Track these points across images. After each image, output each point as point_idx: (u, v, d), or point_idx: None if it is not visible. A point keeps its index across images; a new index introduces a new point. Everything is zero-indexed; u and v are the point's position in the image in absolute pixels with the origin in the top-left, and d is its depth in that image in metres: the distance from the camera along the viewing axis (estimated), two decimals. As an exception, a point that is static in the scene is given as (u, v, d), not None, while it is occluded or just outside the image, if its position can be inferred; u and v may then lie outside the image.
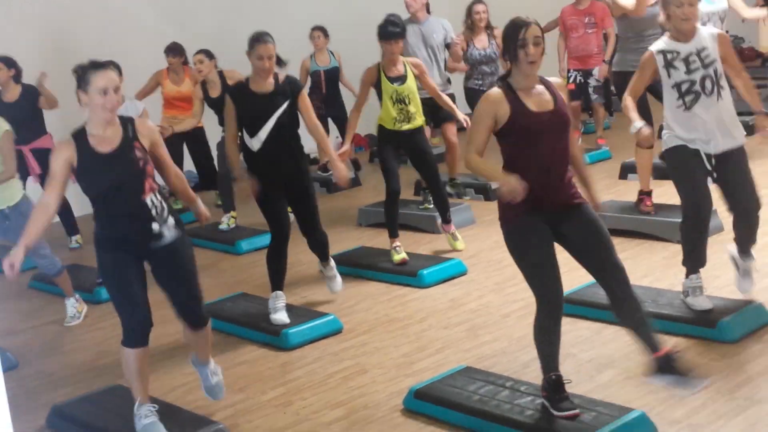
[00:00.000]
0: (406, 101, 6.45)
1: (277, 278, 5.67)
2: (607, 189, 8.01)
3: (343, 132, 9.44)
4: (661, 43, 4.92)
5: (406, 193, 8.21)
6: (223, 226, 8.18)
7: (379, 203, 7.77)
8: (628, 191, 7.86)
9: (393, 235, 6.62)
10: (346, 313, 5.74)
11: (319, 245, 5.93)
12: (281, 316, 5.54)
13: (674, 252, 6.16)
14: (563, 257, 3.89)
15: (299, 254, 7.25)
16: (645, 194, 6.87)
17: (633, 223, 6.65)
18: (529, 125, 3.81)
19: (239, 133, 5.55)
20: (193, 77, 8.74)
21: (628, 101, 4.92)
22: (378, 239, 7.31)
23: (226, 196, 8.25)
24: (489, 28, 8.45)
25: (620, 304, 3.88)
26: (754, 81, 5.24)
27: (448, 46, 7.95)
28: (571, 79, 9.31)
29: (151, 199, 4.09)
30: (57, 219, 8.51)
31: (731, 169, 4.82)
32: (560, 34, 9.48)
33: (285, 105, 5.41)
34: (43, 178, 7.43)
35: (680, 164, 4.90)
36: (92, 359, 5.58)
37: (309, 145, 5.92)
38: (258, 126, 5.42)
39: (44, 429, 4.62)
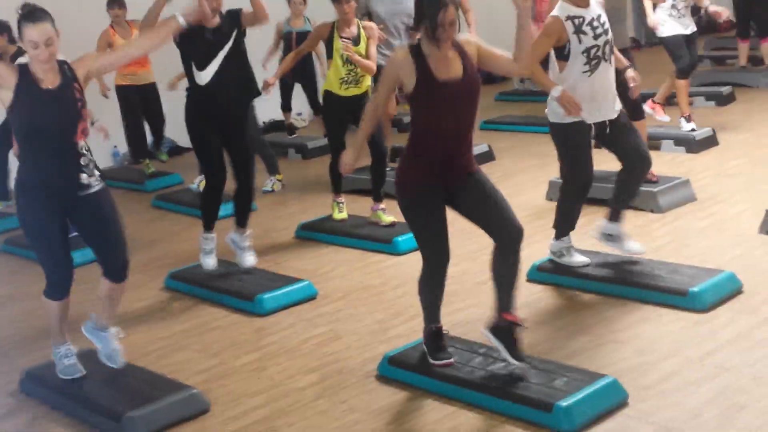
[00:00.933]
0: (355, 62, 6.39)
1: (210, 219, 5.80)
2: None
3: (313, 102, 9.44)
4: (563, 10, 4.95)
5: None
6: (192, 186, 8.18)
7: (355, 170, 7.74)
8: (600, 161, 7.88)
9: (336, 191, 6.81)
10: (321, 280, 5.74)
11: (244, 199, 5.81)
12: (209, 261, 5.76)
13: (648, 221, 6.22)
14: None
15: (275, 220, 7.25)
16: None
17: (607, 192, 6.67)
18: (434, 95, 3.86)
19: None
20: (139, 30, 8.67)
21: (537, 69, 4.88)
22: (354, 205, 7.29)
23: (269, 159, 8.18)
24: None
25: (504, 256, 4.04)
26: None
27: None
28: None
29: (81, 145, 4.14)
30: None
31: (623, 131, 5.08)
32: None
33: (231, 40, 5.45)
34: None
35: (577, 139, 5.04)
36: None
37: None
38: (208, 59, 5.45)
39: (17, 393, 4.60)
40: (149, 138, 9.24)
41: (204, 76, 5.48)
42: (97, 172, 4.25)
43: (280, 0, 9.68)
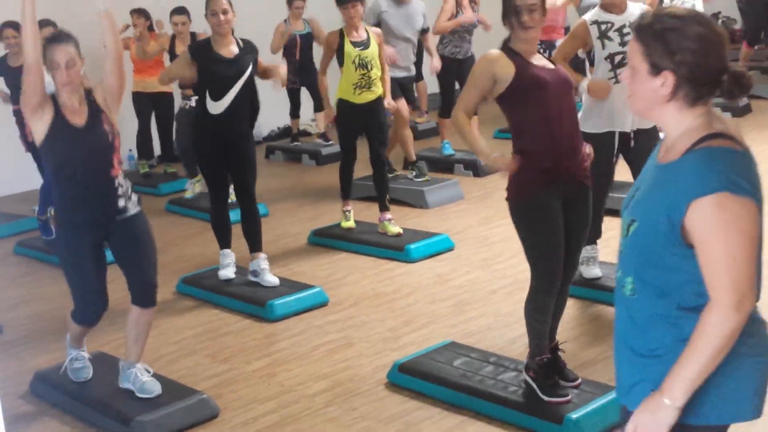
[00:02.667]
0: (369, 66, 6.40)
1: (224, 238, 5.88)
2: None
3: (317, 101, 9.46)
4: (593, 14, 4.97)
5: (396, 166, 8.19)
6: (188, 195, 8.23)
7: (366, 177, 7.74)
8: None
9: (345, 198, 6.80)
10: (332, 287, 5.74)
11: (251, 224, 5.74)
12: (227, 272, 5.83)
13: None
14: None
15: (286, 226, 7.26)
16: None
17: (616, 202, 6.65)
18: (536, 78, 3.69)
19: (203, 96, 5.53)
20: (158, 41, 8.76)
21: (565, 65, 4.80)
22: (366, 213, 7.30)
23: (188, 164, 8.29)
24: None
25: (564, 286, 3.92)
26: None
27: (424, 30, 7.97)
28: None
29: (118, 177, 4.08)
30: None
31: (644, 146, 4.84)
32: None
33: (248, 72, 5.48)
34: (31, 149, 7.40)
35: (603, 151, 4.82)
36: (77, 326, 5.56)
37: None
38: (224, 91, 5.43)
39: (28, 395, 4.61)
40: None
41: (218, 107, 5.46)
42: (134, 197, 4.20)
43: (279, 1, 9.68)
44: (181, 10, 8.41)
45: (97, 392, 4.39)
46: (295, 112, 9.90)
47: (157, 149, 9.65)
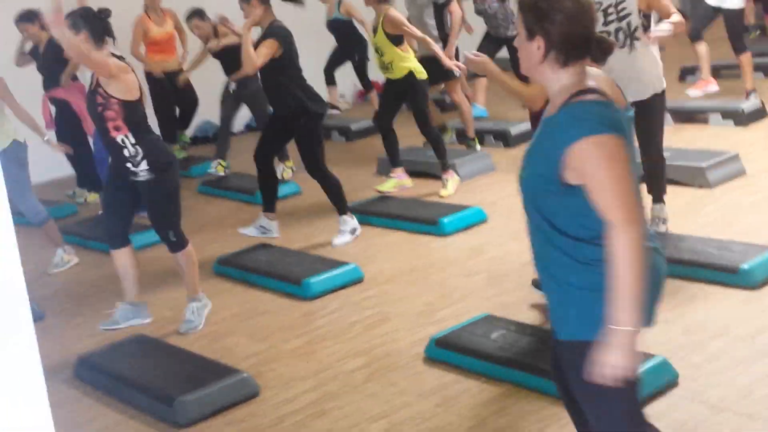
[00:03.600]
0: (380, 52, 6.96)
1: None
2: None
3: (363, 77, 10.03)
4: None
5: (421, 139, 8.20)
6: (211, 170, 8.39)
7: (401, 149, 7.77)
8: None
9: (394, 165, 7.38)
10: (367, 263, 5.76)
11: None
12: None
13: (695, 197, 6.15)
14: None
15: (320, 204, 7.28)
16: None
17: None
18: None
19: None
20: (173, 18, 8.81)
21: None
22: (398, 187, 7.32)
23: (222, 144, 8.46)
24: None
25: None
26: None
27: (442, 5, 8.15)
28: None
29: (122, 139, 4.79)
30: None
31: (641, 117, 4.98)
32: None
33: None
34: (60, 129, 7.68)
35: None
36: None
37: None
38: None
39: (71, 378, 4.70)
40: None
41: None
42: (143, 165, 4.84)
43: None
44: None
45: (140, 374, 4.46)
46: (330, 79, 10.26)
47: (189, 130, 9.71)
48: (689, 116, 8.14)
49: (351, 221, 6.27)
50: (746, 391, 3.68)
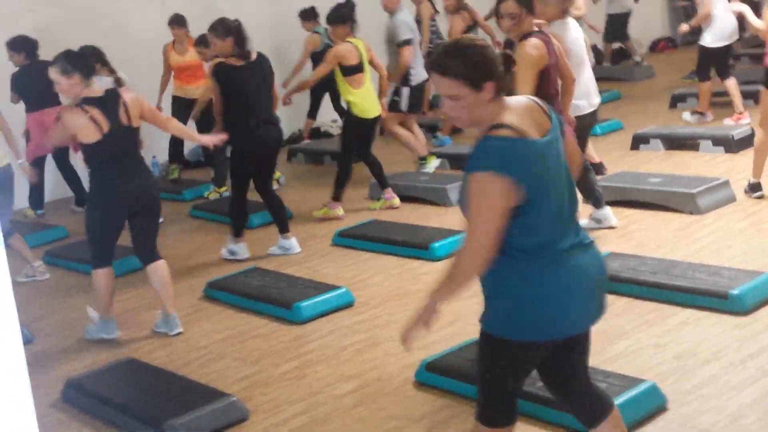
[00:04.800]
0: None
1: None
2: (620, 159, 7.99)
3: (337, 109, 10.06)
4: None
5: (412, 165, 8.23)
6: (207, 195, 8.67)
7: (391, 175, 7.78)
8: (639, 162, 7.84)
9: (383, 187, 7.68)
10: (358, 287, 5.75)
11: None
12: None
13: (686, 223, 6.16)
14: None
15: (311, 228, 7.28)
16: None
17: (645, 195, 6.63)
18: None
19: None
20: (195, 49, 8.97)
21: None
22: (389, 212, 7.32)
23: (219, 170, 8.63)
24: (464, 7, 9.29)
25: None
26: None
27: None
28: None
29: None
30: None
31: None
32: None
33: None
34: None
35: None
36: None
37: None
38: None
39: (60, 402, 4.66)
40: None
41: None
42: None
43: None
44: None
45: (128, 397, 4.43)
46: (313, 113, 10.44)
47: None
48: (680, 143, 8.19)
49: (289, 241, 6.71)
50: (737, 416, 3.67)
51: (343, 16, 7.29)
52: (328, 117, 10.84)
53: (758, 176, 6.50)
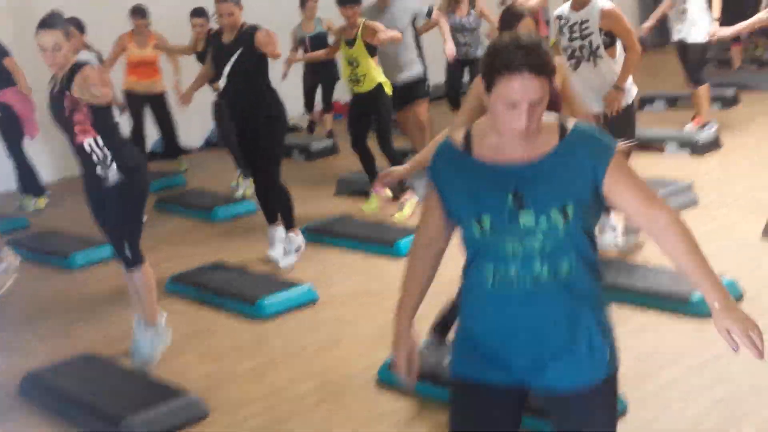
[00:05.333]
0: (354, 63, 6.92)
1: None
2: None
3: (327, 98, 9.82)
4: (563, 8, 5.62)
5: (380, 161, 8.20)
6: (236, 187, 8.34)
7: (357, 171, 7.75)
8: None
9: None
10: (322, 284, 5.72)
11: (263, 199, 6.28)
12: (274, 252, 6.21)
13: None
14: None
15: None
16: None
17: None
18: None
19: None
20: (158, 42, 8.75)
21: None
22: (356, 208, 7.30)
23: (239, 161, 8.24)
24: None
25: None
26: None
27: (427, 15, 7.91)
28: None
29: (89, 143, 4.41)
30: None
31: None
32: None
33: (239, 52, 5.84)
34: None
35: None
36: (64, 326, 5.54)
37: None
38: (219, 71, 5.99)
39: (17, 396, 4.60)
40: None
41: (221, 83, 6.06)
42: (115, 166, 4.46)
43: (293, 4, 9.73)
44: (199, 12, 8.38)
45: (87, 393, 4.38)
46: (309, 105, 10.34)
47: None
48: (646, 144, 8.22)
49: (297, 239, 6.21)
50: (696, 421, 3.70)
51: None
52: (296, 110, 10.75)
53: None
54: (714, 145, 8.00)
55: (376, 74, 6.99)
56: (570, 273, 2.36)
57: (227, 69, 5.90)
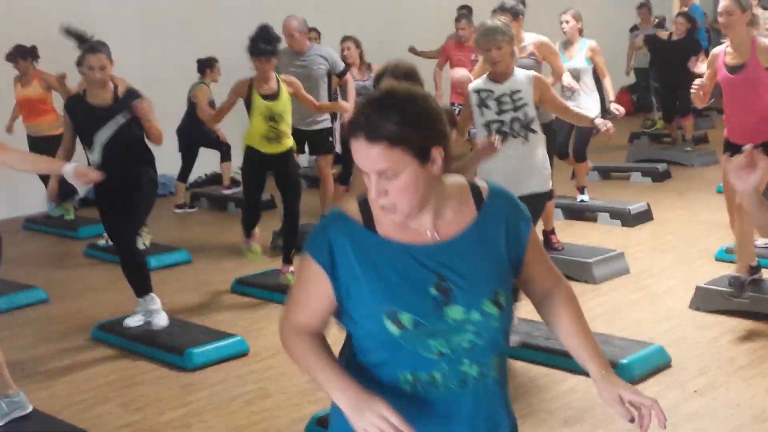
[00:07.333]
0: (277, 119, 6.30)
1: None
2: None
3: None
4: (477, 82, 5.07)
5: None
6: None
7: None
8: (538, 229, 7.98)
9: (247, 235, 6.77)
10: (253, 336, 5.65)
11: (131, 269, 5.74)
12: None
13: (581, 291, 6.26)
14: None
15: (209, 274, 7.16)
16: (550, 233, 6.98)
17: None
18: None
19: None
20: (43, 79, 8.55)
21: (458, 138, 4.98)
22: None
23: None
24: (364, 63, 8.70)
25: None
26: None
27: (339, 74, 7.91)
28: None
29: None
30: None
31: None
32: (438, 65, 9.65)
33: (120, 120, 5.35)
34: None
35: None
36: None
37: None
38: (88, 140, 5.37)
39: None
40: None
41: (93, 156, 5.40)
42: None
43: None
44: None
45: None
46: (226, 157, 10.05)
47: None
48: (579, 214, 8.37)
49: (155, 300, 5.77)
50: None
51: None
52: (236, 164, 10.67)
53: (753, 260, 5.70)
54: (645, 216, 8.17)
55: (289, 136, 6.48)
56: (499, 368, 2.10)
57: (101, 138, 5.34)
